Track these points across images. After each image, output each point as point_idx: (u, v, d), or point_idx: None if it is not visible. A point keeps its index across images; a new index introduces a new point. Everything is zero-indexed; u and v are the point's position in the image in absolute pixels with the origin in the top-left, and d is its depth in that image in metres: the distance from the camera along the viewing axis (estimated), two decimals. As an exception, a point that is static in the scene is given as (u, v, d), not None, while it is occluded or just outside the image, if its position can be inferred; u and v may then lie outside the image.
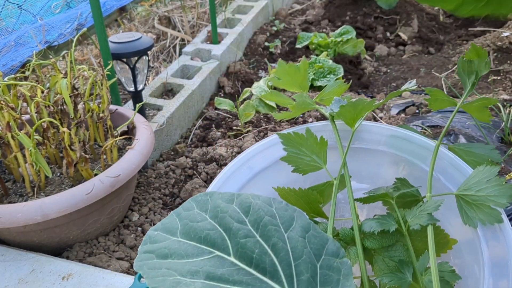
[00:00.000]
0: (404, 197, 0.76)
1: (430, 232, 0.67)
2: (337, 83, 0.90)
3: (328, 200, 0.82)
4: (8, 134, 1.15)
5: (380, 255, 0.72)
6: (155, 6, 2.94)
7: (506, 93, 2.03)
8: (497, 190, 0.70)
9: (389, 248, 0.72)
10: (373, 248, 0.72)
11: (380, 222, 0.70)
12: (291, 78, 0.88)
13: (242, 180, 0.83)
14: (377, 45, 2.72)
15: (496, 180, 0.71)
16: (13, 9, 1.60)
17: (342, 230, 0.74)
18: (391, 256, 0.71)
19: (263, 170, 0.85)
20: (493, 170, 0.72)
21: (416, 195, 0.76)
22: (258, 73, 2.42)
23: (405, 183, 0.77)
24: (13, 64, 1.52)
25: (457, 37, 2.83)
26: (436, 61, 2.53)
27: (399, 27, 2.88)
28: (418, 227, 0.67)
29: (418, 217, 0.69)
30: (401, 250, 0.71)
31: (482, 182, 0.71)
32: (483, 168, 0.73)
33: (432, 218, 0.68)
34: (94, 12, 1.37)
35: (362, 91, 2.27)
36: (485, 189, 0.70)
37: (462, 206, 0.72)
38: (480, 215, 0.70)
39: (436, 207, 0.69)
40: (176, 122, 1.81)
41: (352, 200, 0.75)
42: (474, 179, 0.73)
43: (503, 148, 1.54)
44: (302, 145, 0.78)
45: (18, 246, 1.18)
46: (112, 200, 1.22)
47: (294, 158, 0.78)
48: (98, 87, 1.28)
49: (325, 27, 2.95)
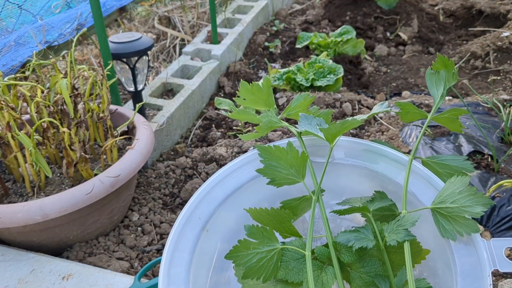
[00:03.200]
0: (381, 210, 0.76)
1: (407, 249, 0.67)
2: (303, 96, 0.90)
3: (301, 214, 0.82)
4: (8, 134, 1.15)
5: (356, 271, 0.72)
6: (155, 6, 2.94)
7: (506, 93, 2.03)
8: (470, 200, 0.70)
9: (365, 263, 0.72)
10: (350, 263, 0.71)
11: (358, 237, 0.70)
12: (255, 97, 0.88)
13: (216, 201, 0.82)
14: (377, 45, 2.72)
15: (468, 190, 0.71)
16: (13, 9, 1.60)
17: (318, 249, 0.73)
18: (367, 272, 0.71)
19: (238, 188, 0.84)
20: (464, 180, 0.72)
21: (393, 209, 0.76)
22: (258, 73, 2.42)
23: (384, 196, 0.77)
24: (13, 64, 1.52)
25: (457, 37, 2.83)
26: (436, 61, 2.53)
27: (399, 27, 2.88)
28: (395, 243, 0.67)
29: (395, 233, 0.69)
30: (377, 265, 0.71)
31: (455, 194, 0.71)
32: (454, 179, 0.73)
33: (409, 234, 0.67)
34: (94, 12, 1.37)
35: (362, 91, 2.27)
36: (459, 200, 0.70)
37: (439, 219, 0.72)
38: (456, 226, 0.70)
39: (413, 223, 0.69)
40: (176, 122, 1.81)
41: (325, 217, 0.74)
42: (447, 191, 0.73)
43: (503, 148, 1.54)
44: (281, 158, 0.78)
45: (18, 246, 1.18)
46: (112, 200, 1.22)
47: (271, 171, 0.78)
48: (98, 87, 1.28)
49: (325, 27, 2.95)
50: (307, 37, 2.65)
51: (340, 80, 2.11)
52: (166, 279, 0.71)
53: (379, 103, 0.91)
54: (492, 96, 1.86)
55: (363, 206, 0.75)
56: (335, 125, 0.75)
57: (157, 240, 1.33)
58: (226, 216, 0.83)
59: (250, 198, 0.85)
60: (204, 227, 0.79)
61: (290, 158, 0.78)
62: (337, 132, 0.78)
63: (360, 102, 1.95)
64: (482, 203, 0.69)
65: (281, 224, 0.75)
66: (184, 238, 0.76)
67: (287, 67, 2.44)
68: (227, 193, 0.83)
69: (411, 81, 2.37)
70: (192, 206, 0.80)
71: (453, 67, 0.83)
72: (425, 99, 2.03)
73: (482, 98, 1.75)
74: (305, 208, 0.81)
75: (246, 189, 0.85)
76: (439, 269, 0.76)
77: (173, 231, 0.76)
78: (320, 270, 0.71)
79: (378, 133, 1.76)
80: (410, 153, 1.63)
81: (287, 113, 0.91)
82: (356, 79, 2.36)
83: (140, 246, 1.29)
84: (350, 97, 1.96)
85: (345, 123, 0.75)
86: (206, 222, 0.80)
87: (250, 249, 0.70)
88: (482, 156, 1.52)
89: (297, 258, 0.72)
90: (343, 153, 0.87)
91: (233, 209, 0.84)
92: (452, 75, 0.83)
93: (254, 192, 0.86)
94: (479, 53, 2.41)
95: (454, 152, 1.52)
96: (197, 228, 0.78)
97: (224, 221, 0.83)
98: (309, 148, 0.86)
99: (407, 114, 0.88)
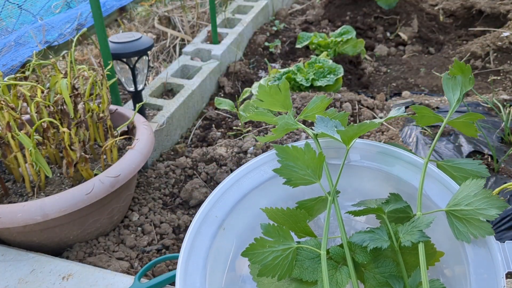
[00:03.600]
0: (396, 212, 0.76)
1: (421, 250, 0.67)
2: (319, 98, 0.90)
3: (316, 215, 0.82)
4: (8, 134, 1.15)
5: (370, 271, 0.72)
6: (155, 6, 2.94)
7: (506, 93, 2.03)
8: (485, 202, 0.70)
9: (379, 264, 0.72)
10: (364, 263, 0.72)
11: (373, 238, 0.70)
12: (273, 99, 0.89)
13: (233, 200, 0.83)
14: (377, 45, 2.72)
15: (483, 193, 0.71)
16: (13, 9, 1.60)
17: (333, 249, 0.74)
18: (381, 272, 0.71)
19: (254, 188, 0.85)
20: (479, 184, 0.73)
21: (407, 211, 0.77)
22: (258, 73, 2.43)
23: (399, 198, 0.78)
24: (13, 64, 1.52)
25: (457, 37, 2.83)
26: (436, 61, 2.53)
27: (399, 27, 2.88)
28: (409, 243, 0.67)
29: (409, 234, 0.69)
30: (391, 266, 0.71)
31: (469, 196, 0.72)
32: (469, 183, 0.74)
33: (423, 236, 0.68)
34: (94, 12, 1.37)
35: (362, 91, 2.27)
36: (474, 203, 0.71)
37: (453, 221, 0.73)
38: (471, 229, 0.70)
39: (428, 224, 0.69)
40: (176, 122, 1.81)
41: (340, 218, 0.75)
42: (462, 194, 0.73)
43: (503, 148, 1.54)
44: (299, 158, 0.78)
45: (18, 246, 1.18)
46: (112, 200, 1.22)
47: (288, 171, 0.78)
48: (98, 87, 1.28)
49: (325, 27, 2.95)
50: (307, 37, 2.65)
51: (340, 80, 2.11)
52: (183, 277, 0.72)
53: (396, 107, 0.91)
54: (492, 96, 1.86)
55: (378, 207, 0.75)
56: (352, 128, 0.76)
57: (157, 240, 1.33)
58: (243, 215, 0.84)
59: (266, 198, 0.86)
60: (221, 226, 0.80)
61: (307, 159, 0.78)
62: (354, 135, 0.79)
63: (360, 102, 1.95)
64: (497, 206, 0.69)
65: (296, 224, 0.76)
66: (201, 236, 0.78)
67: (287, 67, 2.44)
68: (244, 193, 0.84)
69: (411, 81, 2.37)
70: (210, 205, 0.81)
71: (470, 72, 0.83)
72: (425, 99, 2.03)
73: (482, 98, 1.75)
74: (321, 209, 0.81)
75: (262, 189, 0.86)
76: (453, 271, 0.76)
77: (191, 228, 0.78)
78: (335, 269, 0.71)
79: (378, 133, 1.76)
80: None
81: (304, 115, 0.91)
82: (356, 79, 2.36)
83: (140, 246, 1.29)
84: (350, 97, 1.96)
85: (362, 126, 0.76)
86: (223, 220, 0.80)
87: (266, 247, 0.70)
88: (482, 156, 1.52)
89: (312, 258, 0.73)
90: (359, 155, 0.88)
91: (249, 208, 0.85)
92: (468, 80, 0.83)
93: (270, 192, 0.87)
94: (479, 53, 2.41)
95: (454, 152, 1.52)
96: (214, 226, 0.79)
97: (241, 220, 0.84)
98: (324, 150, 0.86)
99: (422, 117, 0.89)
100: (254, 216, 0.84)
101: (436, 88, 2.29)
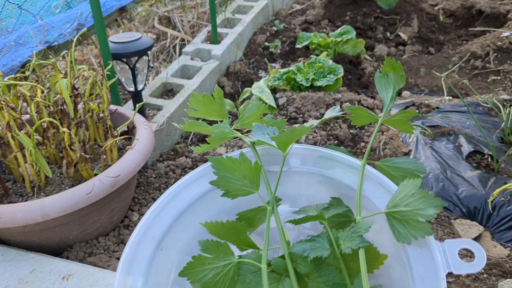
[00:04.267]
0: (337, 217, 0.75)
1: (362, 256, 0.66)
2: (255, 105, 0.89)
3: (258, 225, 0.81)
4: (8, 134, 1.15)
5: (314, 281, 0.70)
6: (155, 6, 2.94)
7: (506, 93, 2.03)
8: (422, 202, 0.69)
9: (322, 273, 0.70)
10: (307, 273, 0.70)
11: (313, 247, 0.69)
12: (208, 108, 0.88)
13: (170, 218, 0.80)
14: (377, 45, 2.72)
15: (420, 193, 0.70)
16: (13, 9, 1.60)
17: (274, 261, 0.72)
18: (325, 281, 0.70)
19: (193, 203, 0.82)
20: (416, 183, 0.71)
21: (349, 215, 0.76)
22: (258, 73, 2.43)
23: (340, 202, 0.77)
24: (13, 64, 1.52)
25: (457, 37, 2.83)
26: (436, 61, 2.53)
27: (399, 27, 2.88)
28: (349, 250, 0.66)
29: (350, 240, 0.68)
30: (334, 274, 0.70)
31: (407, 197, 0.71)
32: (407, 182, 0.73)
33: (363, 241, 0.67)
34: (94, 12, 1.37)
35: (362, 91, 2.27)
36: (412, 203, 0.70)
37: (393, 223, 0.71)
38: (410, 230, 0.69)
39: (367, 229, 0.68)
40: (176, 122, 1.81)
41: (280, 227, 0.73)
42: (400, 195, 0.72)
43: (503, 148, 1.54)
44: (235, 169, 0.77)
45: (18, 246, 1.18)
46: (112, 200, 1.22)
47: (225, 182, 0.77)
48: (98, 87, 1.28)
49: (325, 27, 2.95)
50: (307, 37, 2.65)
51: (340, 80, 2.11)
52: None
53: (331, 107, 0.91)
54: (492, 96, 1.86)
55: (318, 214, 0.74)
56: (285, 133, 0.75)
57: (157, 240, 1.33)
58: (182, 232, 0.81)
59: (207, 211, 0.83)
60: (159, 247, 0.77)
61: (243, 169, 0.77)
62: (288, 140, 0.77)
63: (360, 102, 1.95)
64: (435, 205, 0.68)
65: (237, 237, 0.74)
66: (138, 257, 0.74)
67: (287, 67, 2.44)
68: (182, 208, 0.81)
69: (411, 81, 2.37)
70: (145, 226, 0.78)
71: (401, 70, 0.83)
72: (425, 99, 2.03)
73: (482, 98, 1.75)
74: (262, 219, 0.80)
75: (202, 203, 0.83)
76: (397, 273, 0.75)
77: (126, 250, 0.74)
78: (277, 282, 0.70)
79: (378, 133, 1.76)
80: (409, 153, 1.63)
81: (241, 123, 0.90)
82: (356, 79, 2.36)
83: (140, 246, 1.29)
84: (350, 97, 1.96)
85: (295, 131, 0.75)
86: (160, 241, 0.77)
87: (206, 265, 0.68)
88: (482, 156, 1.52)
89: (254, 271, 0.71)
90: (300, 161, 0.87)
91: (190, 223, 0.82)
92: (400, 77, 0.83)
93: (212, 206, 0.84)
94: (479, 53, 2.41)
95: (454, 152, 1.52)
96: (151, 247, 0.76)
97: (180, 237, 0.81)
98: (265, 157, 0.85)
99: (358, 117, 0.88)
100: (196, 230, 0.81)
101: (436, 88, 2.29)
